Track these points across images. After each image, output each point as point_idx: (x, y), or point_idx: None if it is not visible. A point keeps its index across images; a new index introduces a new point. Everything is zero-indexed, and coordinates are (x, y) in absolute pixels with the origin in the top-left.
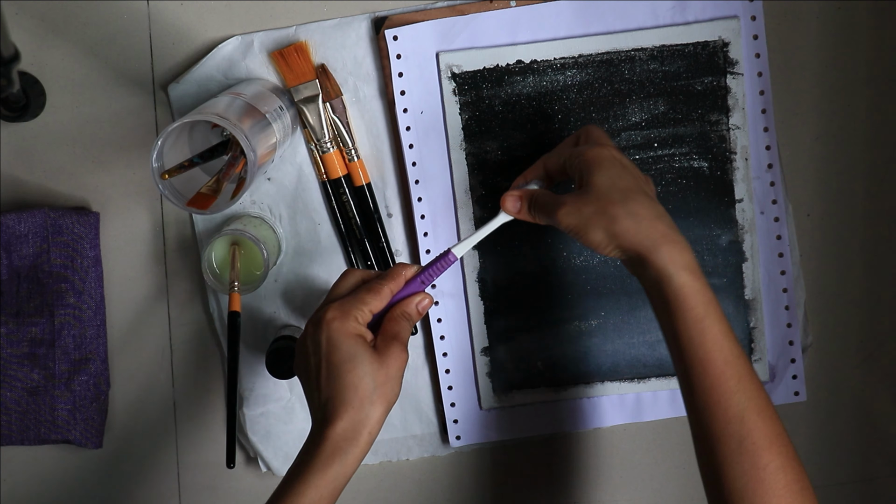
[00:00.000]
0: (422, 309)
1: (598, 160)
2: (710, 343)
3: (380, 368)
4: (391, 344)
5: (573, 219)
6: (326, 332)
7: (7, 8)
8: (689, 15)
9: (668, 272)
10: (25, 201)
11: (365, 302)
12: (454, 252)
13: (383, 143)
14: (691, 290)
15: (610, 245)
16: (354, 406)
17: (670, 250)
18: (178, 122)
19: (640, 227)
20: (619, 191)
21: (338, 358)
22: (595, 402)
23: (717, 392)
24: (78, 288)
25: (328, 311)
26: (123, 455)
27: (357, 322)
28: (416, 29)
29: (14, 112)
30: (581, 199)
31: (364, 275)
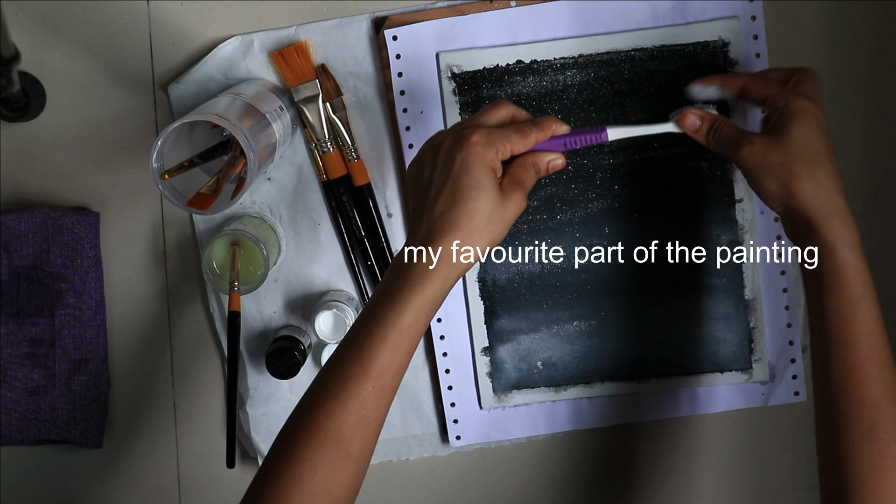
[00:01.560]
0: (552, 167)
1: (802, 112)
2: (861, 325)
3: (499, 207)
4: (515, 188)
5: (756, 160)
6: (465, 153)
7: (7, 8)
8: (689, 15)
9: (835, 246)
10: (25, 201)
11: (510, 140)
12: (609, 131)
13: (383, 143)
14: (853, 268)
15: (780, 200)
16: (465, 233)
17: (841, 225)
18: (178, 122)
19: (818, 194)
20: (812, 151)
21: (466, 181)
22: (595, 402)
23: (857, 375)
24: (78, 288)
25: (474, 134)
26: (123, 455)
27: (496, 154)
28: (415, 29)
29: (14, 112)
30: (771, 144)
31: (515, 112)
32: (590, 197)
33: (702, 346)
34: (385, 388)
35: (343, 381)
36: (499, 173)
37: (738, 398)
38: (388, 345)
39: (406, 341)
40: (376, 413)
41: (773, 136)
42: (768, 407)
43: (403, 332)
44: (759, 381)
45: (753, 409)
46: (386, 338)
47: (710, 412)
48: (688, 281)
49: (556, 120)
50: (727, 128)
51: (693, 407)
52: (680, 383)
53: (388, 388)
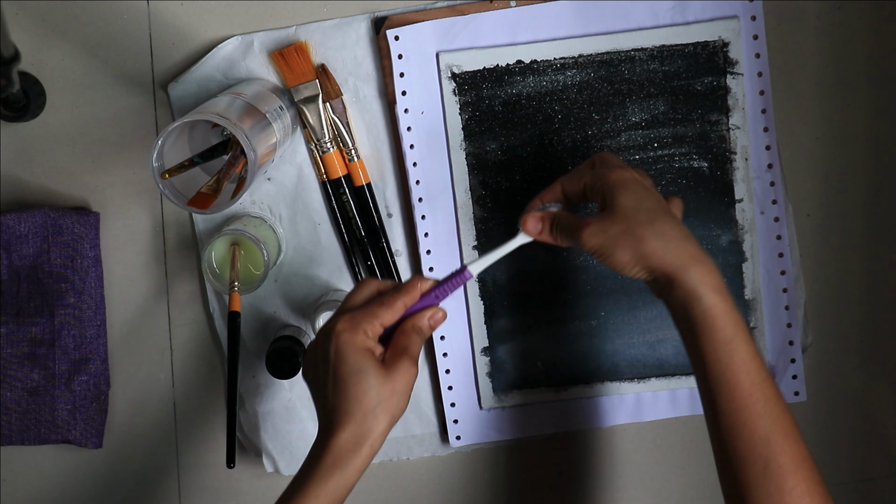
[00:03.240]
0: (434, 323)
1: (621, 182)
2: (738, 364)
3: (385, 382)
4: (400, 358)
5: (599, 239)
6: (335, 344)
7: (7, 8)
8: (689, 15)
9: (698, 293)
10: (25, 201)
11: (376, 315)
12: (470, 269)
13: (383, 144)
14: (720, 310)
15: (637, 266)
16: (357, 418)
17: (699, 271)
18: (178, 121)
19: (668, 247)
20: (646, 211)
21: (344, 370)
22: (595, 402)
23: (744, 414)
24: (78, 288)
25: (339, 322)
26: (123, 455)
27: (366, 335)
28: (416, 29)
29: (14, 112)
30: (607, 219)
31: (380, 286)
32: None
33: None
34: None
35: None
36: (377, 350)
37: None
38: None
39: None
40: None
41: (607, 212)
42: None
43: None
44: None
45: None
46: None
47: None
48: None
49: (419, 278)
50: (566, 218)
51: (693, 407)
52: (680, 383)
53: None
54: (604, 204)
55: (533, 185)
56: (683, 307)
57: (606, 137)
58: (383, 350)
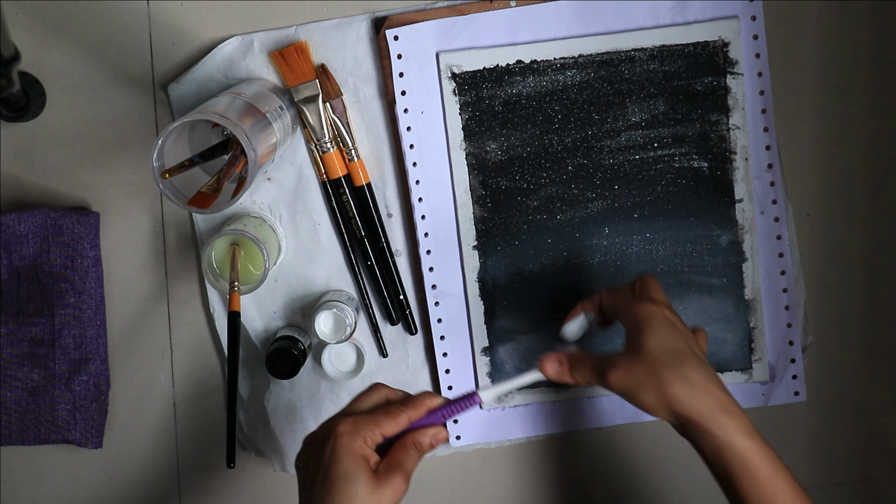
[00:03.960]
0: (435, 442)
1: (648, 319)
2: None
3: (373, 494)
4: (394, 472)
5: (625, 381)
6: (333, 444)
7: (7, 8)
8: (689, 15)
9: (729, 439)
10: (25, 201)
11: (379, 424)
12: (481, 395)
13: (383, 143)
14: (754, 452)
15: (663, 410)
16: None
17: (727, 416)
18: (178, 121)
19: (694, 394)
20: (671, 353)
21: (336, 473)
22: (595, 402)
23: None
24: (78, 288)
25: (341, 424)
26: (123, 455)
27: (365, 443)
28: (416, 29)
29: (14, 112)
30: (632, 360)
31: (389, 394)
32: (590, 197)
33: None
34: None
35: None
36: (373, 459)
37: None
38: None
39: None
40: None
41: (632, 352)
42: (768, 407)
43: None
44: (759, 381)
45: (753, 409)
46: None
47: None
48: (688, 281)
49: (430, 395)
50: (586, 359)
51: None
52: None
53: None
54: (630, 338)
55: (533, 185)
56: (716, 454)
57: (606, 137)
58: (378, 460)
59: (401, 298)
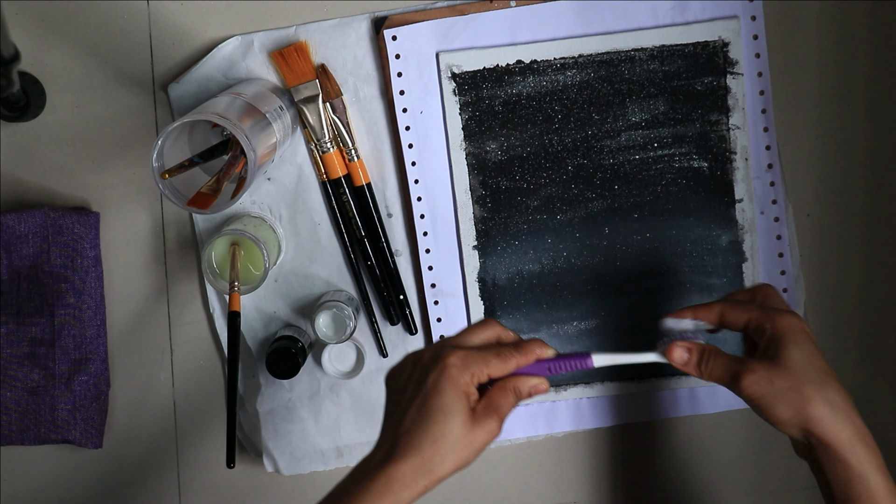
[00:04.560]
0: (534, 392)
1: (793, 332)
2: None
3: (467, 434)
4: (490, 415)
5: (762, 389)
6: (438, 374)
7: (7, 8)
8: (689, 15)
9: (864, 472)
10: (25, 201)
11: (488, 364)
12: (594, 358)
13: (383, 143)
14: (884, 491)
15: (796, 427)
16: (425, 456)
17: (866, 449)
18: (178, 121)
19: (837, 417)
20: (817, 370)
21: (436, 403)
22: (595, 401)
23: None
24: (78, 288)
25: (451, 355)
26: (123, 455)
27: (471, 379)
28: (415, 29)
29: (14, 112)
30: (774, 370)
31: (501, 333)
32: (590, 197)
33: None
34: None
35: None
36: (473, 397)
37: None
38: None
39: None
40: None
41: (773, 361)
42: None
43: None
44: None
45: None
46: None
47: (710, 412)
48: (688, 281)
49: (542, 344)
50: (720, 357)
51: (693, 407)
52: (680, 383)
53: None
54: (769, 349)
55: (533, 185)
56: (846, 484)
57: (606, 137)
58: (478, 399)
59: (401, 298)
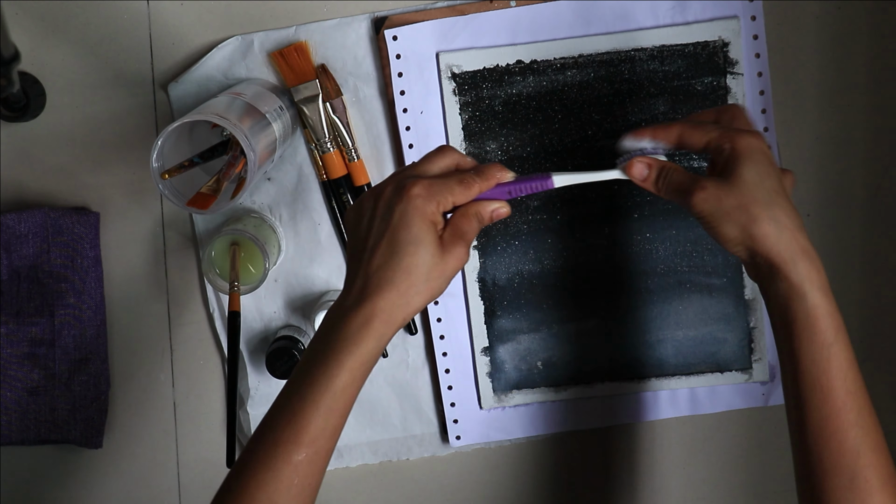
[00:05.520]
0: (496, 216)
1: (750, 151)
2: (836, 370)
3: (439, 262)
4: (457, 241)
5: (710, 206)
6: (404, 205)
7: (7, 8)
8: (689, 15)
9: (804, 289)
10: (25, 201)
11: (452, 191)
12: (554, 178)
13: (383, 143)
14: (824, 311)
15: (741, 245)
16: (401, 290)
17: (808, 266)
18: (178, 121)
19: (781, 235)
20: (767, 190)
21: (405, 236)
22: (595, 402)
23: (835, 423)
24: (78, 288)
25: (415, 186)
26: (123, 455)
27: (437, 207)
28: (416, 29)
29: (14, 112)
30: (724, 188)
31: (459, 159)
32: (590, 197)
33: (702, 346)
34: (319, 453)
35: (275, 447)
36: (439, 226)
37: (738, 398)
38: (322, 409)
39: (340, 404)
40: (310, 479)
41: (725, 180)
42: (768, 407)
43: (337, 394)
44: (759, 381)
45: (753, 409)
46: (319, 402)
47: (710, 412)
48: (688, 281)
49: (501, 167)
50: (677, 174)
51: (693, 407)
52: (679, 383)
53: (323, 453)
54: (725, 168)
55: None
56: (784, 302)
57: (606, 137)
58: (444, 226)
59: None
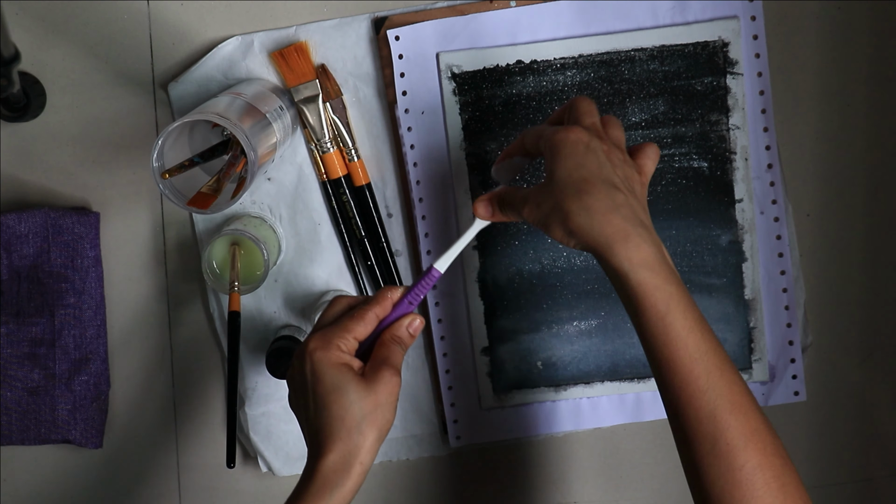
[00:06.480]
0: (413, 331)
1: (561, 145)
2: (675, 340)
3: (367, 396)
4: (380, 369)
5: (535, 215)
6: (310, 363)
7: (7, 8)
8: (689, 15)
9: (625, 269)
10: (25, 201)
11: (348, 329)
12: (436, 267)
13: (383, 144)
14: (650, 286)
15: (572, 241)
16: (342, 437)
17: (625, 247)
18: (178, 121)
19: (592, 223)
20: (574, 182)
21: (323, 389)
22: (595, 402)
23: (687, 391)
24: (78, 288)
25: (311, 342)
26: (123, 455)
27: (340, 351)
28: (416, 29)
29: (14, 112)
30: (542, 192)
31: (351, 300)
32: None
33: None
34: None
35: None
36: (355, 365)
37: None
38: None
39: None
40: None
41: (544, 183)
42: (768, 407)
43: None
44: (759, 380)
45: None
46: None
47: None
48: (687, 281)
49: (390, 287)
50: (508, 196)
51: None
52: None
53: None
54: (546, 170)
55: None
56: (617, 283)
57: None
58: (362, 364)
59: None
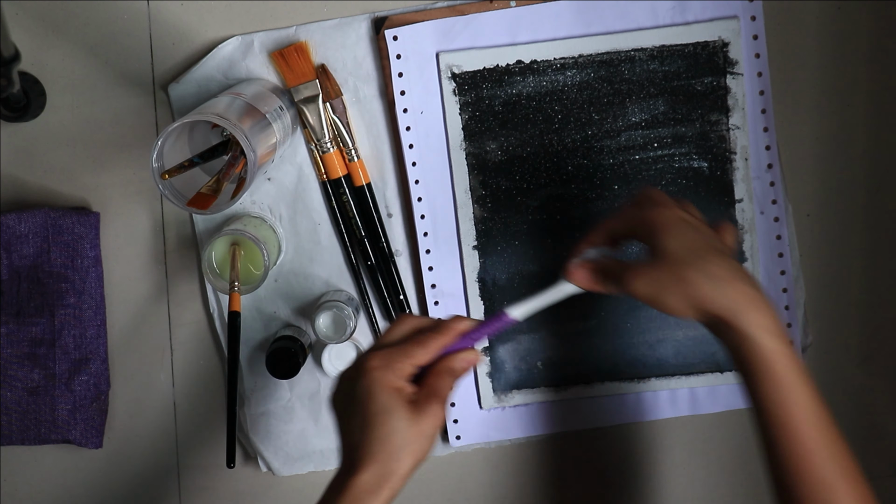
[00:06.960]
0: (467, 366)
1: (664, 223)
2: (799, 410)
3: (413, 425)
4: (431, 400)
5: (648, 287)
6: (366, 380)
7: (7, 8)
8: (688, 15)
9: (753, 337)
10: (25, 201)
11: (410, 355)
12: (510, 314)
13: (383, 143)
14: (778, 354)
15: (690, 310)
16: (380, 459)
17: (754, 314)
18: (178, 122)
19: (718, 290)
20: (692, 252)
21: (373, 408)
22: (595, 402)
23: (806, 460)
24: (78, 288)
25: (372, 359)
26: (123, 455)
27: (397, 375)
28: (416, 29)
29: (14, 112)
30: (654, 265)
31: (418, 323)
32: (590, 197)
33: (701, 346)
34: None
35: None
36: (407, 391)
37: (738, 398)
38: None
39: None
40: None
41: (654, 257)
42: None
43: None
44: None
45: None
46: None
47: (710, 412)
48: None
49: (460, 318)
50: (612, 266)
51: (693, 407)
52: (680, 383)
53: None
54: (651, 247)
55: (533, 185)
56: (739, 350)
57: (606, 137)
58: (414, 391)
59: (401, 298)
